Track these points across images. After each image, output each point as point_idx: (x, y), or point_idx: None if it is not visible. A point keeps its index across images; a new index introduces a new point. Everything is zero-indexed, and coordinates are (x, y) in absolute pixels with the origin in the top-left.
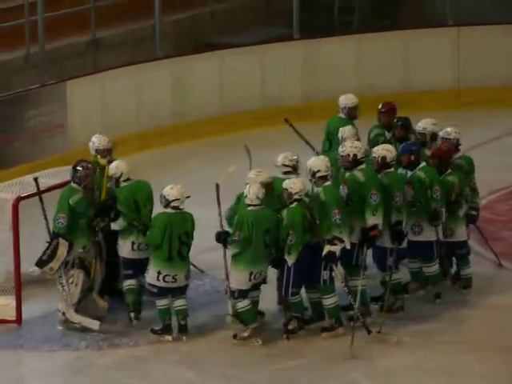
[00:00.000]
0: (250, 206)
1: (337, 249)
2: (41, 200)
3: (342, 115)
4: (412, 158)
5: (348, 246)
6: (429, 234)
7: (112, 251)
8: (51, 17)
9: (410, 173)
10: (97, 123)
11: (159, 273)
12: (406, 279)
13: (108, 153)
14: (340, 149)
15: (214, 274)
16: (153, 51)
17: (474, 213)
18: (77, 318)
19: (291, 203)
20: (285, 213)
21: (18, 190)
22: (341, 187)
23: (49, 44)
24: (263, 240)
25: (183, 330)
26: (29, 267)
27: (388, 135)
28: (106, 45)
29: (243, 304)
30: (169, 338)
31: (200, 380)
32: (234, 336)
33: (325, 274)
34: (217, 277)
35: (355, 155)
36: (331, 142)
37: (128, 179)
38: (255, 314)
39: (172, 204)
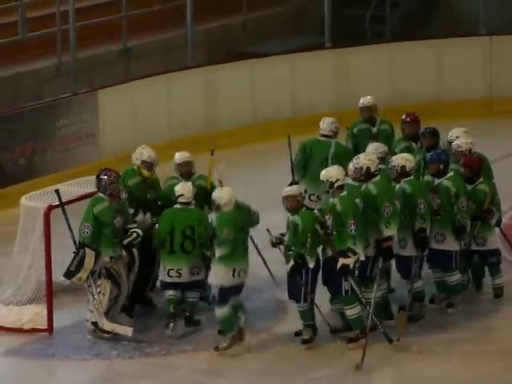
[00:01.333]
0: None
1: (350, 261)
2: (64, 212)
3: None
4: (441, 167)
5: (362, 258)
6: (452, 244)
7: (144, 260)
8: (83, 26)
9: (437, 181)
10: (128, 132)
11: (165, 267)
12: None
13: (153, 165)
14: (354, 161)
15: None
16: (184, 60)
17: (499, 214)
18: (109, 326)
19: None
20: (298, 218)
21: (49, 199)
22: (357, 200)
23: (80, 53)
24: (242, 237)
25: (189, 322)
26: (60, 276)
27: (415, 146)
28: (137, 54)
29: (222, 311)
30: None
31: None
32: (216, 348)
33: (346, 285)
34: (248, 283)
35: (368, 168)
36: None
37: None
38: (234, 322)
39: (179, 200)
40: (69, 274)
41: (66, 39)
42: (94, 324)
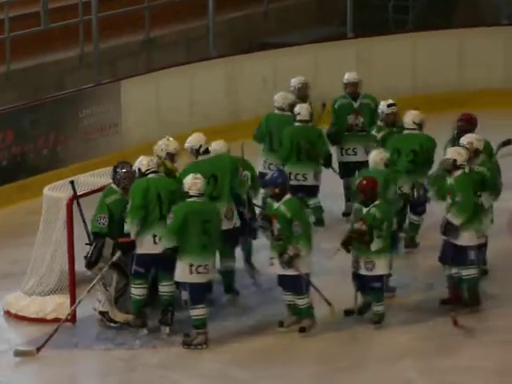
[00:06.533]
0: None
1: None
2: (78, 203)
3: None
4: (276, 190)
5: None
6: (304, 267)
7: None
8: (105, 16)
9: (276, 204)
10: (151, 122)
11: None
12: None
13: (176, 157)
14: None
15: (267, 273)
16: (207, 50)
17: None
18: (121, 317)
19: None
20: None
21: (72, 189)
22: None
23: (103, 43)
24: (201, 230)
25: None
26: (83, 266)
27: None
28: (160, 44)
29: (198, 312)
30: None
31: (253, 380)
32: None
33: None
34: (270, 276)
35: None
36: None
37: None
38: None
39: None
40: (90, 265)
41: (88, 30)
42: (102, 313)
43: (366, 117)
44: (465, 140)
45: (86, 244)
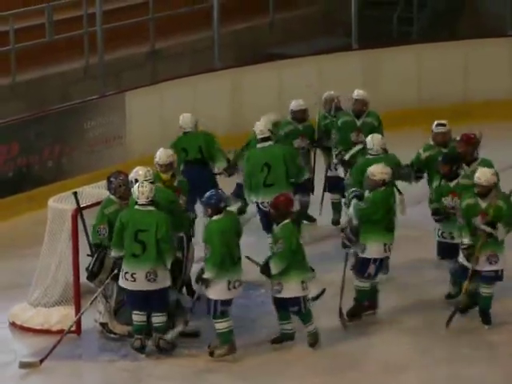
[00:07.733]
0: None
1: None
2: (81, 215)
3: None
4: (209, 211)
5: None
6: (213, 292)
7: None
8: (110, 28)
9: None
10: (155, 134)
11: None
12: None
13: (169, 167)
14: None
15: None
16: (211, 62)
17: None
18: (120, 329)
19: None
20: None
21: (75, 200)
22: None
23: (108, 55)
24: (133, 238)
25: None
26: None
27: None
28: (165, 56)
29: (135, 318)
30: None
31: None
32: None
33: None
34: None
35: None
36: None
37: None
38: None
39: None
40: (91, 277)
41: (93, 41)
42: (102, 325)
43: (366, 135)
44: (482, 178)
45: (88, 255)
